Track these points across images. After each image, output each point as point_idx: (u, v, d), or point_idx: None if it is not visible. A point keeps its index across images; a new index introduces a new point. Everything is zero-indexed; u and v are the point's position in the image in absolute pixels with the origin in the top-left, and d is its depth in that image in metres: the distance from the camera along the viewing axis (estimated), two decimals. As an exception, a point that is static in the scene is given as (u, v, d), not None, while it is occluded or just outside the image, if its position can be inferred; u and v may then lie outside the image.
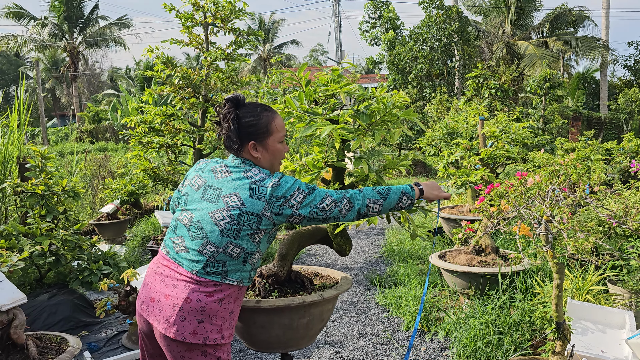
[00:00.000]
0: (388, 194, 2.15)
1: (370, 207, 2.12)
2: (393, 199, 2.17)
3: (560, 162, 3.50)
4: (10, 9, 33.83)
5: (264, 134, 2.16)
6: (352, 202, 2.09)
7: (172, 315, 2.01)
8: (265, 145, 2.17)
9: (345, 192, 2.11)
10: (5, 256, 3.59)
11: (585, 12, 26.72)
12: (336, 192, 2.10)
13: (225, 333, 2.08)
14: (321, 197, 2.07)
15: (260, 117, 2.16)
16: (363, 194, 2.11)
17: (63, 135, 32.07)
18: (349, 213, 2.10)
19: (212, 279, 2.03)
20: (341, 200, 2.08)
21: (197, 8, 6.54)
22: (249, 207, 2.03)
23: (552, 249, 3.04)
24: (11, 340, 2.98)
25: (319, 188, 2.11)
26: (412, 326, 4.53)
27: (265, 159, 2.19)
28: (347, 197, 2.09)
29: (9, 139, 6.81)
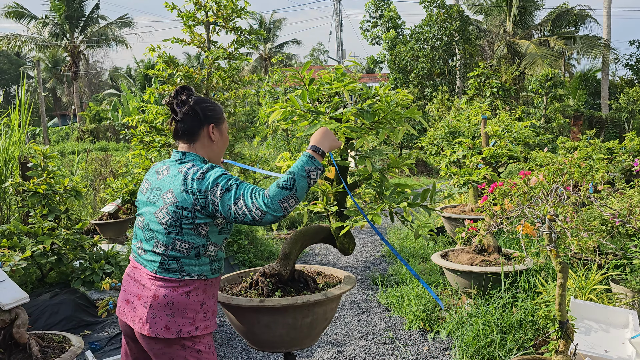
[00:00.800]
0: (294, 181, 1.95)
1: (285, 206, 1.94)
2: (302, 183, 1.97)
3: (564, 160, 3.49)
4: (11, 8, 33.83)
5: (220, 119, 2.22)
6: (263, 209, 1.93)
7: (144, 314, 2.03)
8: (220, 129, 2.22)
9: (259, 197, 1.94)
10: (8, 255, 3.59)
11: (587, 11, 26.69)
12: (252, 196, 1.94)
13: (200, 325, 2.08)
14: (235, 198, 1.95)
15: (214, 104, 2.22)
16: (272, 198, 1.93)
17: (64, 134, 32.09)
18: (263, 219, 1.94)
19: (171, 277, 2.05)
20: (252, 205, 1.93)
21: (198, 7, 6.53)
22: (181, 202, 2.03)
23: (556, 248, 3.03)
24: (14, 339, 2.98)
25: (243, 187, 1.97)
26: (415, 325, 4.52)
27: (218, 145, 2.22)
28: (257, 204, 1.92)
29: (10, 139, 6.81)
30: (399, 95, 2.67)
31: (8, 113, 7.36)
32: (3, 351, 2.94)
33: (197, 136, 2.17)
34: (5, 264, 3.50)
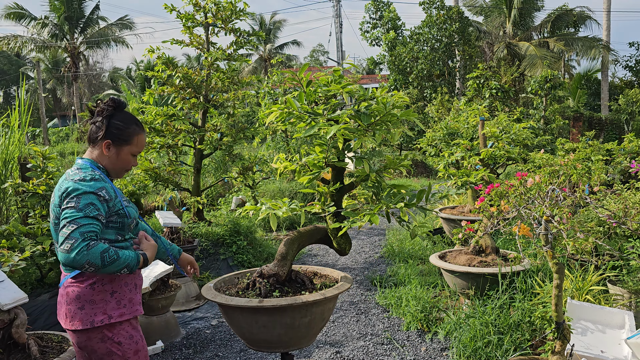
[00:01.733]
0: (112, 263, 2.05)
1: (85, 267, 2.01)
2: (113, 269, 2.07)
3: (561, 162, 3.51)
4: (11, 9, 33.84)
5: (124, 141, 2.32)
6: (73, 248, 1.99)
7: (63, 310, 2.22)
8: (119, 149, 2.32)
9: (83, 237, 2.01)
10: (7, 256, 3.60)
11: (587, 13, 26.69)
12: (81, 226, 2.03)
13: (113, 313, 2.19)
14: (64, 236, 2.02)
15: (129, 127, 2.34)
16: (90, 251, 2.00)
17: (64, 135, 32.09)
18: (65, 254, 2.01)
19: (75, 272, 2.19)
20: (74, 232, 2.02)
21: (198, 9, 6.55)
22: (56, 201, 2.19)
23: (552, 249, 3.04)
24: (12, 339, 2.99)
25: (89, 213, 2.07)
26: (413, 326, 4.54)
27: (111, 161, 2.33)
28: (76, 239, 2.00)
29: (10, 139, 6.82)
30: (395, 98, 2.69)
31: (8, 114, 7.37)
32: (2, 351, 2.95)
33: (96, 144, 2.32)
34: (5, 264, 3.51)
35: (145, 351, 2.32)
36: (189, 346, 4.33)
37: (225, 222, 6.93)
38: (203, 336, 4.53)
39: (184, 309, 5.22)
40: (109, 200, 2.19)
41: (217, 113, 7.07)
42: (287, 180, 10.84)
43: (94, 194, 2.13)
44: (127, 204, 2.34)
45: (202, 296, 5.47)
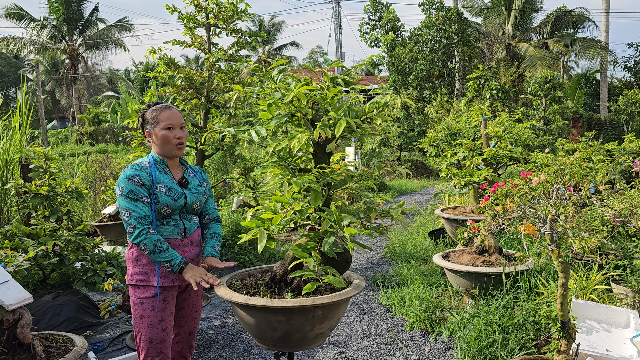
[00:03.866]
0: (160, 252, 2.53)
1: (142, 248, 2.55)
2: (160, 258, 2.54)
3: (565, 161, 3.51)
4: (11, 9, 33.84)
5: (153, 124, 2.71)
6: (134, 232, 2.54)
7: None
8: (154, 132, 2.71)
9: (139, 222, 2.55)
10: (11, 256, 3.59)
11: (585, 14, 26.74)
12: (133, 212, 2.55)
13: (134, 276, 2.68)
14: (125, 207, 2.57)
15: (152, 112, 2.73)
16: (145, 238, 2.53)
17: (63, 137, 32.05)
18: (130, 236, 2.56)
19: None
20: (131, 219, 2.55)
21: (199, 9, 6.54)
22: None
23: (557, 248, 3.04)
24: (17, 339, 2.98)
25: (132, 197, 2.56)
26: (417, 326, 4.53)
27: (157, 145, 2.73)
28: (134, 225, 2.54)
29: (11, 140, 6.82)
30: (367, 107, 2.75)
31: (9, 115, 7.37)
32: (7, 351, 2.95)
33: (148, 141, 2.81)
34: (9, 264, 3.51)
35: (150, 322, 2.64)
36: (192, 347, 4.32)
37: (227, 223, 6.92)
38: (206, 337, 4.52)
39: (186, 310, 5.21)
40: (144, 184, 2.60)
41: (219, 114, 7.06)
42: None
43: (129, 180, 2.58)
44: (164, 190, 2.65)
45: (205, 297, 5.46)
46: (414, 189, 14.94)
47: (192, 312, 2.90)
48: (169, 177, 2.72)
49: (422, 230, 8.10)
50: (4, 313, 2.98)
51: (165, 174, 2.71)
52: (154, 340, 2.65)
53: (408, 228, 8.51)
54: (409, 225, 8.51)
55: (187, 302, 2.87)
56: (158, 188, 2.63)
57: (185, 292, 2.85)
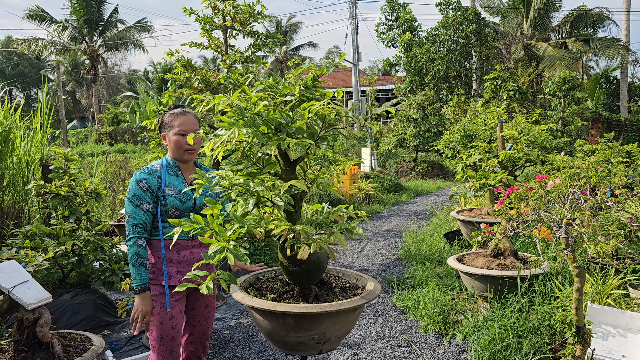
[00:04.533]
0: (133, 266, 2.63)
1: (129, 251, 2.64)
2: (131, 271, 2.65)
3: (581, 164, 3.48)
4: (33, 11, 34.42)
5: (167, 128, 2.80)
6: (127, 237, 2.67)
7: None
8: (168, 136, 2.80)
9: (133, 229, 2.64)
10: (31, 256, 3.67)
11: (606, 13, 26.36)
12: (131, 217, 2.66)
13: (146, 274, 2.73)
14: (126, 211, 2.69)
15: (169, 116, 2.81)
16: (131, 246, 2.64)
17: (83, 137, 32.53)
18: (126, 238, 2.68)
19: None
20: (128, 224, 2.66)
21: (216, 12, 6.60)
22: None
23: (573, 253, 3.02)
24: (37, 338, 3.05)
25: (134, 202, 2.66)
26: (431, 328, 4.52)
27: (170, 148, 2.81)
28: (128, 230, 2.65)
29: (32, 141, 6.95)
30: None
31: (30, 116, 7.50)
32: (27, 349, 3.01)
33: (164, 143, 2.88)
34: (29, 264, 3.59)
35: (161, 318, 2.68)
36: (207, 346, 4.36)
37: (243, 224, 6.96)
38: (221, 337, 4.56)
39: (202, 310, 5.26)
40: (150, 188, 2.68)
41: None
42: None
43: (136, 184, 2.69)
44: (173, 193, 2.72)
45: (221, 297, 5.51)
46: (430, 190, 14.88)
47: (204, 312, 2.94)
48: (180, 179, 2.80)
49: (437, 231, 8.07)
50: (24, 312, 3.05)
51: (177, 177, 2.79)
52: (165, 337, 2.70)
53: (423, 229, 8.50)
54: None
55: (199, 303, 2.92)
56: (167, 191, 2.72)
57: (196, 292, 2.90)
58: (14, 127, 6.70)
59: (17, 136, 6.78)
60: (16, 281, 3.10)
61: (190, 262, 2.76)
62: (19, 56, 47.05)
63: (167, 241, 2.72)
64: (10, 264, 3.22)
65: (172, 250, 2.74)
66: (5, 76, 46.69)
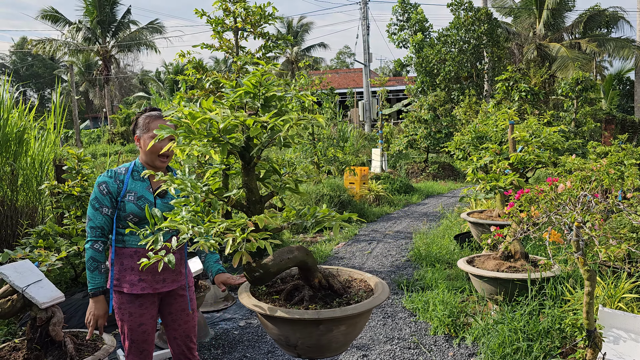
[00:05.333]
0: (88, 269, 2.63)
1: (85, 254, 2.66)
2: (87, 274, 2.64)
3: (592, 167, 3.46)
4: (47, 12, 34.81)
5: (143, 130, 2.74)
6: (86, 239, 2.66)
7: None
8: (143, 139, 2.74)
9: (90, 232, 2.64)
10: (44, 255, 3.72)
11: (620, 13, 26.13)
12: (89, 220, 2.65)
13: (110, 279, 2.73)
14: (87, 213, 2.68)
15: (146, 119, 2.76)
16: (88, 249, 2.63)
17: (95, 137, 32.80)
18: (85, 240, 2.67)
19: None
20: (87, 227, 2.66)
21: (227, 13, 6.65)
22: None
23: (584, 256, 3.01)
24: (50, 337, 3.09)
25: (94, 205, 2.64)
26: (440, 331, 4.52)
27: (143, 151, 2.75)
28: (87, 232, 2.66)
29: (46, 141, 7.02)
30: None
31: (44, 117, 7.59)
32: (40, 348, 3.06)
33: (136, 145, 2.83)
34: (42, 264, 3.63)
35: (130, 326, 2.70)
36: (217, 346, 4.40)
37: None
38: (231, 337, 4.59)
39: (212, 310, 5.30)
40: (110, 192, 2.65)
41: (246, 116, 7.16)
42: (313, 183, 10.88)
43: (97, 186, 2.66)
44: (132, 199, 2.66)
45: (231, 297, 5.55)
46: (441, 191, 14.83)
47: (182, 315, 2.89)
48: (145, 185, 2.72)
49: (447, 233, 8.05)
50: (37, 311, 3.09)
51: (142, 182, 2.72)
52: (136, 341, 2.73)
53: (433, 231, 8.48)
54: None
55: (173, 307, 2.87)
56: (127, 196, 2.65)
57: (169, 297, 2.85)
58: (28, 128, 6.78)
59: (31, 137, 6.86)
60: (30, 280, 3.14)
61: (152, 270, 2.68)
62: (33, 57, 47.60)
63: (129, 249, 2.67)
64: (24, 263, 3.27)
65: (134, 259, 2.67)
66: (20, 77, 47.23)
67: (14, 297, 3.15)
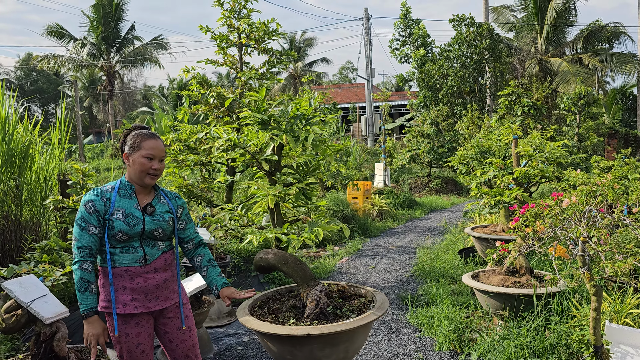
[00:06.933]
0: (79, 291, 2.57)
1: (74, 275, 2.59)
2: (78, 296, 2.59)
3: (597, 182, 3.46)
4: (52, 28, 35.16)
5: (133, 149, 2.71)
6: (73, 260, 2.61)
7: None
8: (133, 157, 2.71)
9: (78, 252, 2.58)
10: (49, 270, 3.72)
11: (621, 28, 26.26)
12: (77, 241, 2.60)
13: (101, 302, 2.68)
14: (73, 234, 2.63)
15: (136, 137, 2.73)
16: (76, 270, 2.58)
17: (99, 151, 32.97)
18: (72, 262, 2.61)
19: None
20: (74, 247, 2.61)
21: (232, 29, 6.71)
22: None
23: (590, 271, 2.99)
24: (54, 352, 3.07)
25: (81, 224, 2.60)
26: (445, 346, 4.48)
27: (132, 169, 2.72)
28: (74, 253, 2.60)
29: (50, 156, 7.05)
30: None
31: (49, 131, 7.63)
32: (44, 364, 3.04)
33: (124, 162, 2.78)
34: (47, 279, 3.63)
35: (128, 347, 2.67)
36: (221, 362, 4.37)
37: (244, 246, 6.98)
38: (235, 352, 4.56)
39: (216, 325, 5.28)
40: (97, 211, 2.61)
41: (250, 131, 7.18)
42: (316, 198, 10.87)
43: (84, 205, 2.63)
44: (121, 217, 2.63)
45: (234, 312, 5.52)
46: (444, 206, 14.81)
47: (179, 334, 2.84)
48: (133, 202, 2.71)
49: (451, 248, 8.02)
50: (41, 326, 3.08)
51: (130, 199, 2.70)
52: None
53: (437, 246, 8.45)
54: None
55: (168, 326, 2.82)
56: (115, 214, 2.62)
57: (163, 317, 2.81)
58: (33, 143, 6.81)
59: (36, 152, 6.90)
60: (34, 295, 3.14)
61: (144, 288, 2.67)
62: (37, 72, 48.01)
63: (119, 268, 2.64)
64: (28, 278, 3.27)
65: (125, 278, 2.65)
66: (25, 92, 47.60)
67: (18, 312, 3.14)
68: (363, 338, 2.71)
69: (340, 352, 2.60)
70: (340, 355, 2.61)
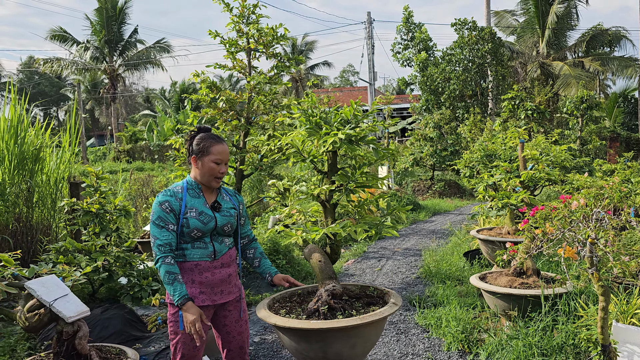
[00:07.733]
0: (168, 283, 2.68)
1: (159, 272, 2.71)
2: (168, 288, 2.70)
3: (604, 184, 3.55)
4: (55, 32, 35.32)
5: (202, 153, 2.84)
6: (155, 258, 2.73)
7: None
8: (202, 161, 2.84)
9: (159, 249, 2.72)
10: (68, 271, 3.80)
11: (623, 32, 26.38)
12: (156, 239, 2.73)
13: (168, 294, 2.79)
14: (152, 234, 2.76)
15: (206, 141, 2.85)
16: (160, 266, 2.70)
17: (101, 154, 33.06)
18: (154, 260, 2.73)
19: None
20: (154, 246, 2.73)
21: (241, 34, 6.80)
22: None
23: (597, 272, 3.07)
24: (76, 350, 3.15)
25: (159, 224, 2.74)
26: (454, 347, 4.56)
27: (200, 172, 2.86)
28: (155, 251, 2.73)
29: (61, 159, 7.13)
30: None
31: (59, 134, 7.71)
32: (67, 361, 3.12)
33: (189, 161, 2.92)
34: (67, 279, 3.72)
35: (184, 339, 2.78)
36: (233, 362, 4.43)
37: (265, 241, 7.06)
38: (247, 352, 4.63)
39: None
40: (173, 210, 2.77)
41: (258, 134, 7.26)
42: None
43: (159, 206, 2.77)
44: (195, 215, 2.79)
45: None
46: (448, 209, 14.88)
47: (236, 327, 3.01)
48: (202, 201, 2.86)
49: (457, 250, 8.10)
50: (64, 325, 3.16)
51: (198, 198, 2.86)
52: (186, 355, 2.81)
53: (442, 248, 8.53)
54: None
55: (228, 319, 2.99)
56: (189, 213, 2.78)
57: (224, 309, 2.98)
58: (44, 146, 6.90)
59: (46, 154, 6.98)
60: (57, 295, 3.22)
61: (212, 282, 2.84)
62: (40, 75, 48.14)
63: (190, 262, 2.81)
64: (50, 278, 3.35)
65: (194, 272, 2.81)
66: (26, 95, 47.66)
67: (41, 311, 3.23)
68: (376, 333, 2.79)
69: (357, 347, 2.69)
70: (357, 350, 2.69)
